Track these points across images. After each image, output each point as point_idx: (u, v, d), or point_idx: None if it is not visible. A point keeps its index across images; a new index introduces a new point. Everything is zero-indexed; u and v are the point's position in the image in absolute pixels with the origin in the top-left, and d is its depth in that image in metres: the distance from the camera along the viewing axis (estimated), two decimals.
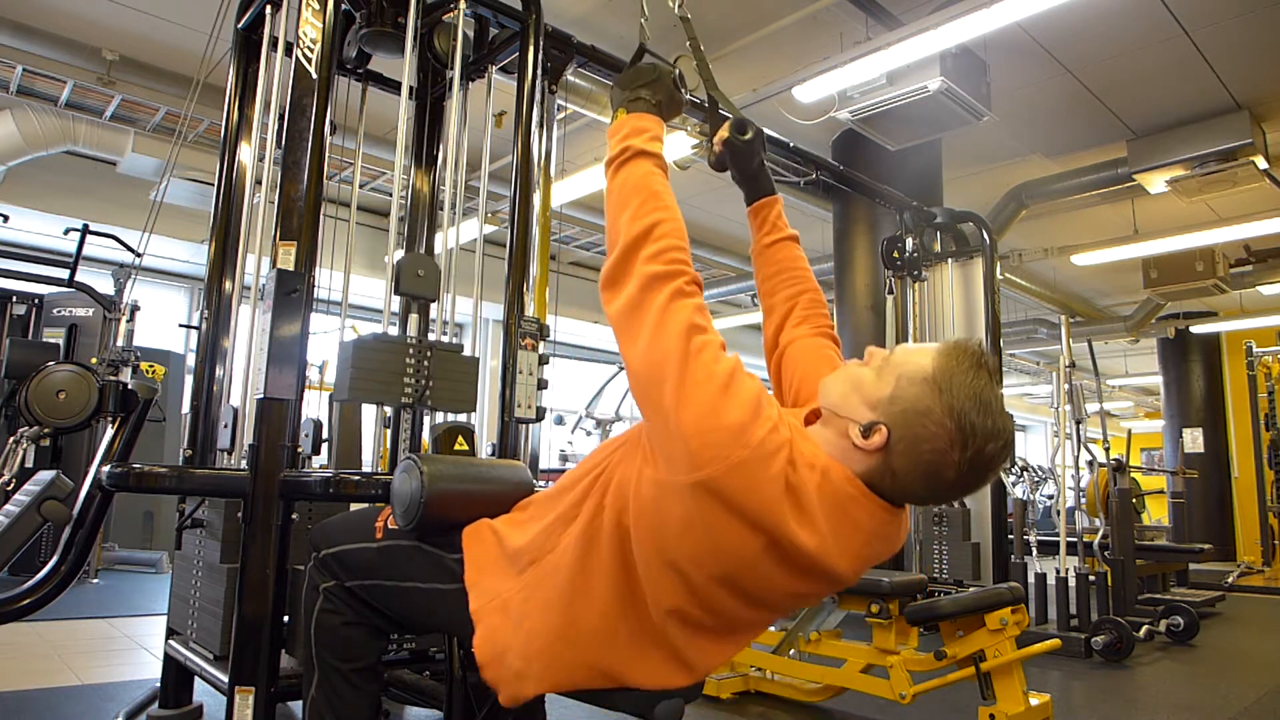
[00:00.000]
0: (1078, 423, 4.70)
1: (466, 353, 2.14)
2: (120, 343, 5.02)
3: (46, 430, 2.52)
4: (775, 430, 0.97)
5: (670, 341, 0.99)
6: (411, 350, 2.01)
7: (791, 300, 1.40)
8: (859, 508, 1.02)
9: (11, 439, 2.89)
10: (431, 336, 2.54)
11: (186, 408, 3.28)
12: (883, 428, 1.00)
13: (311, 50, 2.04)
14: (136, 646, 3.57)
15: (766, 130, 4.26)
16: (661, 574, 1.04)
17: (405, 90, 2.33)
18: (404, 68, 2.34)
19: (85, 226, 4.65)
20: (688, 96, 1.33)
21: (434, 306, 2.57)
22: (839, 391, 1.08)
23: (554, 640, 1.11)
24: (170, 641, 2.32)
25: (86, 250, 4.74)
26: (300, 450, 1.99)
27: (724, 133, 1.38)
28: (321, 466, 2.52)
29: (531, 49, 2.45)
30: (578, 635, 1.10)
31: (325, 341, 3.08)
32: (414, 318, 2.73)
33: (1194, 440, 10.12)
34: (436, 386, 2.04)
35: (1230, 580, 6.99)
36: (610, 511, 1.09)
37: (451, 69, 2.50)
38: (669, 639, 1.08)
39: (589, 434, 7.92)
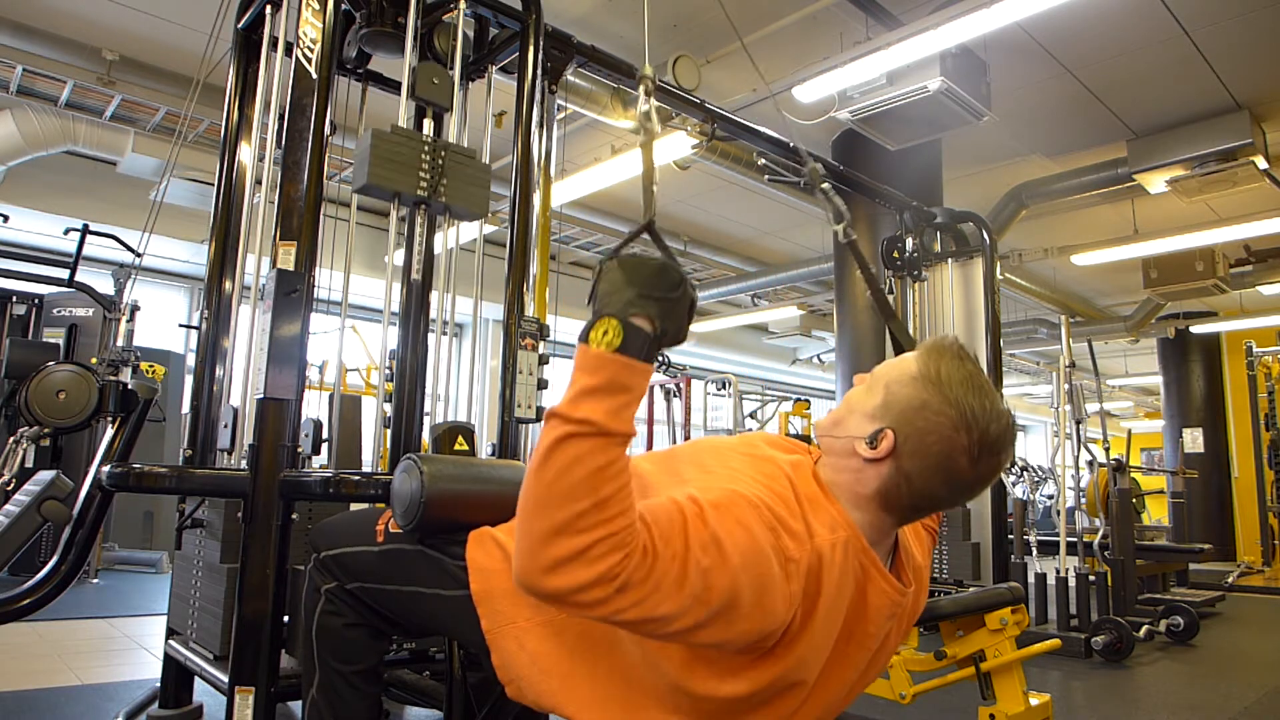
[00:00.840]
0: (1078, 423, 4.70)
1: (466, 354, 2.13)
2: (120, 343, 5.02)
3: (46, 430, 2.53)
4: (796, 556, 0.95)
5: (690, 590, 0.87)
6: (427, 146, 2.13)
7: None
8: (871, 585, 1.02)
9: (11, 439, 2.89)
10: (431, 339, 2.54)
11: (186, 408, 3.28)
12: (888, 431, 1.00)
13: (311, 50, 2.04)
14: (136, 646, 3.57)
15: (766, 130, 4.27)
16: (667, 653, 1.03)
17: (405, 90, 2.33)
18: (404, 68, 2.34)
19: (85, 226, 4.65)
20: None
21: (434, 304, 2.57)
22: (833, 418, 1.09)
23: (579, 684, 1.09)
24: (170, 641, 2.32)
25: (86, 250, 4.74)
26: (300, 450, 1.99)
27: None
28: (321, 466, 2.52)
29: (531, 49, 2.45)
30: (606, 694, 1.07)
31: (325, 341, 3.08)
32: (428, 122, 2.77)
33: (1194, 440, 10.12)
34: (450, 184, 2.15)
35: (1230, 580, 6.99)
36: None
37: (452, 69, 2.50)
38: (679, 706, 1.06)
39: None
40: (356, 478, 1.84)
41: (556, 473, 0.82)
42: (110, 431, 2.44)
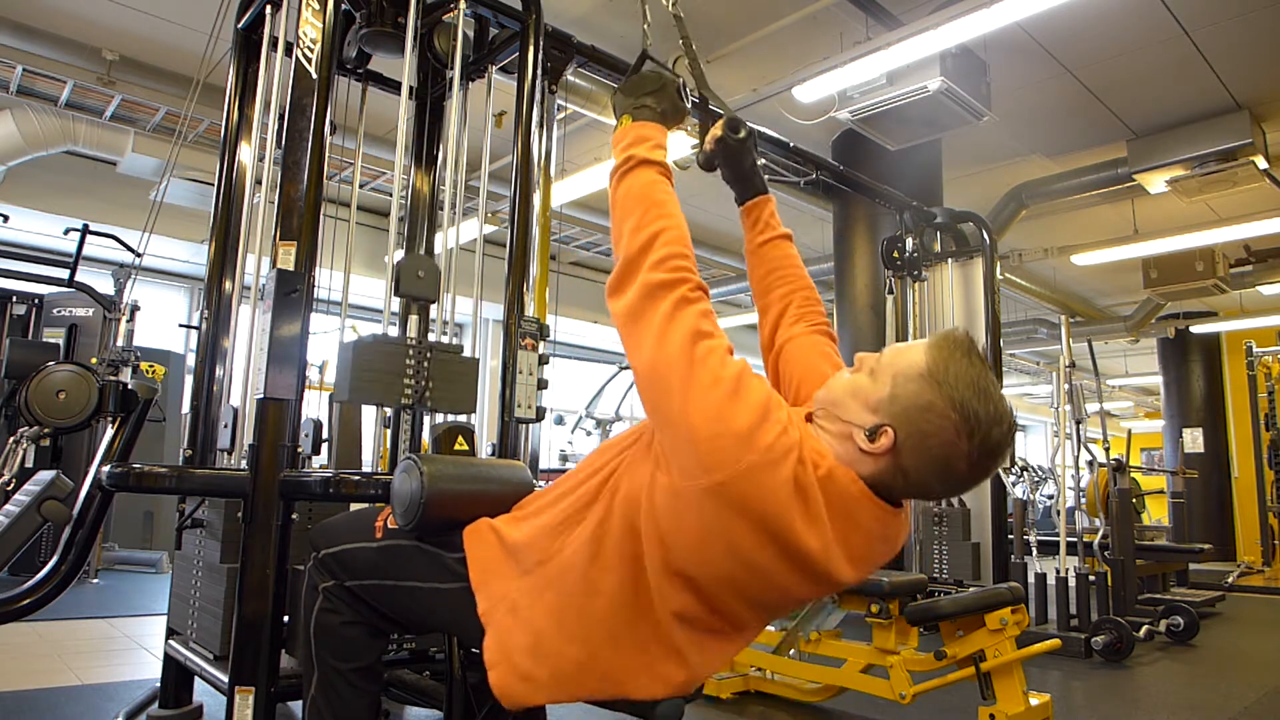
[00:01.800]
0: (1078, 423, 4.70)
1: (466, 353, 2.14)
2: (120, 343, 5.02)
3: (46, 430, 2.52)
4: (785, 432, 0.97)
5: (675, 348, 1.00)
6: (411, 351, 2.02)
7: (786, 298, 1.39)
8: (861, 509, 1.02)
9: (11, 439, 2.89)
10: (432, 337, 2.54)
11: (186, 408, 3.28)
12: (889, 429, 1.00)
13: (311, 50, 2.04)
14: (136, 646, 3.57)
15: (766, 130, 4.27)
16: (671, 578, 1.05)
17: (405, 90, 2.33)
18: (404, 68, 2.34)
19: (85, 226, 4.65)
20: (691, 102, 1.33)
21: (434, 306, 2.57)
22: (832, 397, 1.09)
23: (563, 643, 1.11)
24: (170, 641, 2.32)
25: (86, 250, 4.74)
26: (300, 450, 1.99)
27: (716, 131, 1.37)
28: (321, 466, 2.52)
29: (531, 49, 2.45)
30: (586, 636, 1.10)
31: (325, 341, 3.08)
32: (414, 319, 2.73)
33: (1194, 440, 10.11)
34: (436, 387, 2.04)
35: (1230, 580, 6.99)
36: (619, 515, 1.09)
37: (451, 69, 2.50)
38: (674, 641, 1.09)
39: (589, 434, 7.92)
40: (356, 478, 1.84)
41: (623, 195, 1.15)
42: (110, 431, 2.44)
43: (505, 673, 1.13)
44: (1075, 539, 4.80)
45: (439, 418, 2.24)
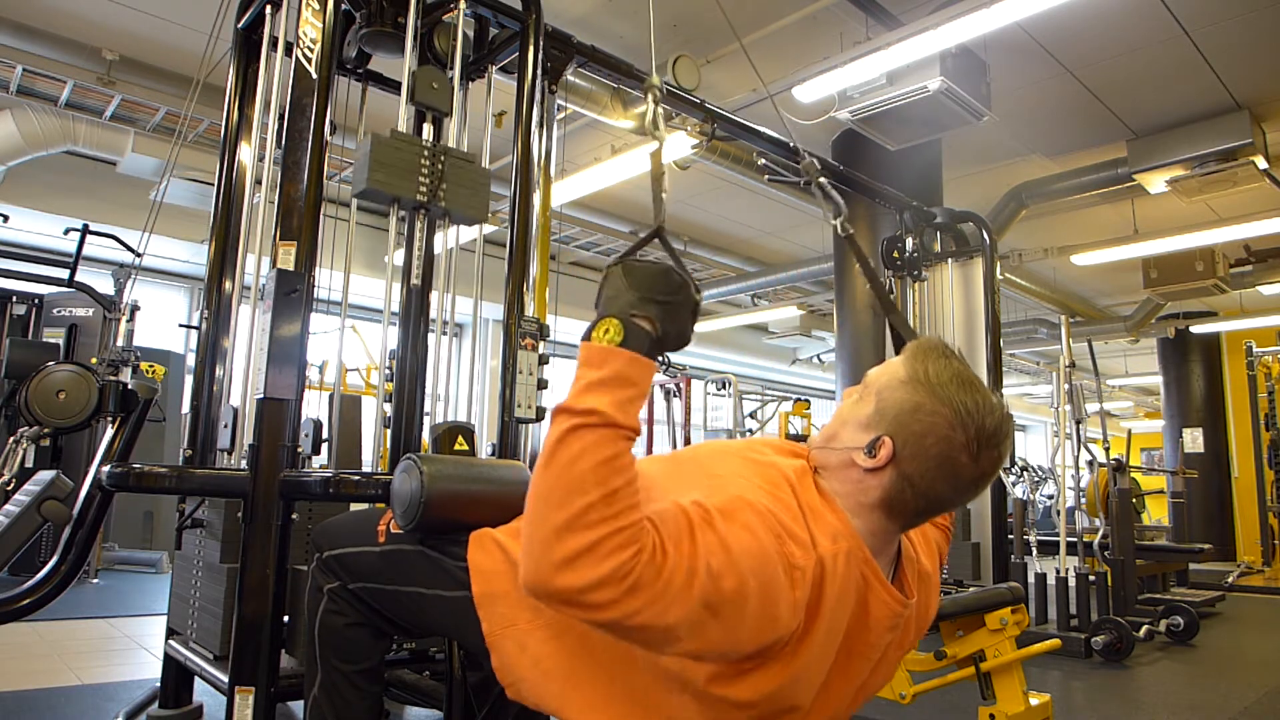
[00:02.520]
0: (1078, 423, 4.70)
1: (466, 354, 2.13)
2: (120, 343, 5.02)
3: (46, 430, 2.52)
4: (800, 563, 0.93)
5: (695, 604, 0.87)
6: (427, 151, 2.11)
7: None
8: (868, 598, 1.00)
9: (11, 439, 2.89)
10: (431, 339, 2.54)
11: (186, 408, 3.28)
12: (886, 439, 1.00)
13: (311, 50, 2.04)
14: (136, 646, 3.57)
15: (766, 130, 4.26)
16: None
17: (405, 90, 2.33)
18: (404, 68, 2.34)
19: (85, 226, 4.65)
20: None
21: (434, 304, 2.57)
22: (826, 434, 1.09)
23: (573, 688, 1.08)
24: (170, 641, 2.32)
25: (86, 250, 4.74)
26: (300, 450, 1.99)
27: None
28: (321, 466, 2.52)
29: (531, 49, 2.45)
30: (606, 692, 1.06)
31: (325, 341, 3.08)
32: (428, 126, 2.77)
33: (1194, 440, 10.12)
34: (449, 189, 2.14)
35: (1230, 580, 6.99)
36: None
37: (451, 69, 2.50)
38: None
39: None
40: (356, 478, 1.84)
41: (564, 465, 0.83)
42: (110, 431, 2.44)
43: (517, 692, 1.14)
44: (1075, 539, 4.80)
45: (451, 228, 2.35)
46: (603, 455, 0.83)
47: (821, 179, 1.33)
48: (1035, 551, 4.91)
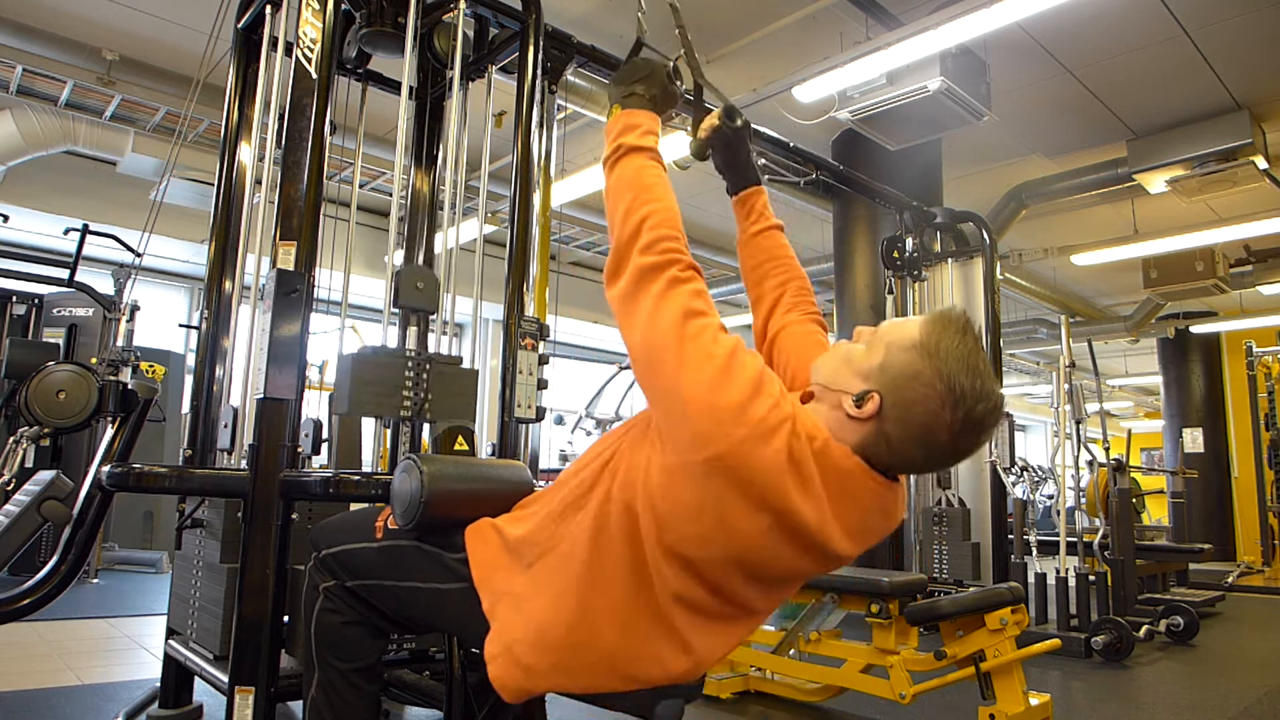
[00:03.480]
0: (1078, 423, 4.70)
1: (466, 354, 2.13)
2: (120, 343, 5.02)
3: (46, 430, 2.53)
4: (777, 406, 0.99)
5: (666, 326, 1.02)
6: (410, 364, 2.02)
7: (780, 288, 1.40)
8: (857, 482, 1.03)
9: (11, 439, 2.89)
10: (431, 338, 2.54)
11: (186, 408, 3.28)
12: (875, 395, 1.02)
13: (311, 50, 2.04)
14: (136, 646, 3.57)
15: (766, 130, 4.26)
16: (670, 559, 1.06)
17: (405, 90, 2.33)
18: (404, 68, 2.34)
19: (85, 226, 4.65)
20: (683, 90, 1.33)
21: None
22: (830, 368, 1.11)
23: (566, 630, 1.11)
24: (170, 641, 2.32)
25: (86, 250, 4.74)
26: (300, 450, 1.99)
27: (713, 120, 1.37)
28: (321, 466, 2.52)
29: (531, 49, 2.45)
30: (590, 624, 1.10)
31: (325, 341, 3.08)
32: (413, 329, 2.74)
33: (1194, 440, 10.12)
34: (435, 399, 2.05)
35: (1230, 580, 6.99)
36: (619, 498, 1.10)
37: (451, 69, 2.50)
38: (675, 625, 1.09)
39: (589, 434, 7.91)
40: (356, 478, 1.84)
41: (614, 183, 1.18)
42: (110, 431, 2.44)
43: (505, 664, 1.13)
44: (1075, 539, 4.80)
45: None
46: (634, 165, 1.18)
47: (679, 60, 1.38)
48: (1035, 551, 4.92)
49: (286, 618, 1.87)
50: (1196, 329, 10.00)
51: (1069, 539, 4.60)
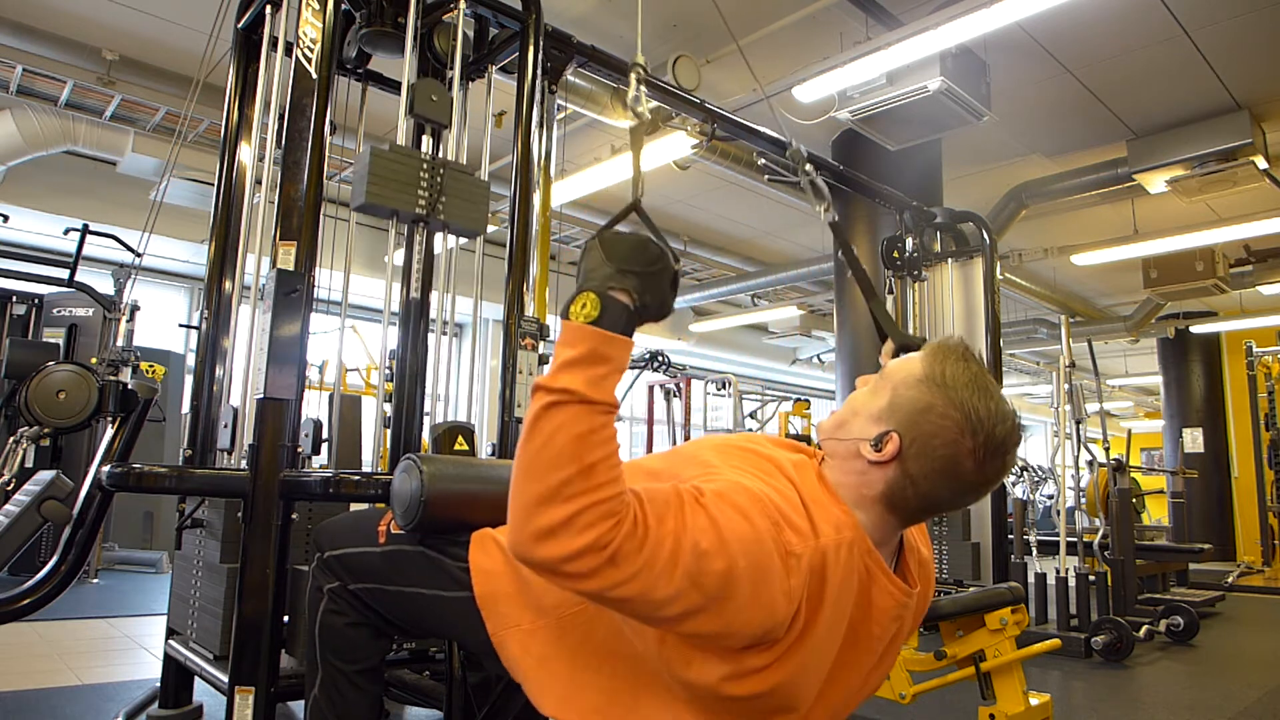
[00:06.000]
0: (1078, 423, 4.70)
1: (466, 354, 2.13)
2: (120, 343, 5.02)
3: (46, 430, 2.53)
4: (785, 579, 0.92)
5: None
6: (425, 164, 2.12)
7: None
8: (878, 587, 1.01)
9: (11, 439, 2.89)
10: (431, 338, 2.54)
11: (186, 408, 3.28)
12: (893, 435, 0.99)
13: (311, 50, 2.04)
14: (136, 646, 3.57)
15: (766, 130, 4.26)
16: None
17: (405, 90, 2.33)
18: (404, 68, 2.34)
19: (85, 226, 4.65)
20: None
21: (434, 304, 2.57)
22: (837, 419, 1.08)
23: (578, 691, 1.08)
24: (170, 641, 2.32)
25: (86, 250, 4.74)
26: (300, 450, 1.99)
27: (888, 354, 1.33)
28: (321, 466, 2.53)
29: (531, 49, 2.45)
30: (612, 689, 1.07)
31: (325, 341, 3.08)
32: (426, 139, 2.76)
33: (1194, 440, 10.12)
34: (448, 202, 2.15)
35: (1230, 580, 6.99)
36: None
37: (451, 69, 2.50)
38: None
39: None
40: (356, 478, 1.84)
41: (541, 441, 0.85)
42: (110, 431, 2.44)
43: (527, 691, 1.13)
44: (1075, 539, 4.80)
45: (450, 240, 2.36)
46: (578, 430, 0.85)
47: (808, 166, 1.33)
48: (1035, 551, 4.92)
49: (286, 618, 1.87)
50: (1196, 329, 10.00)
51: (1069, 539, 4.60)
